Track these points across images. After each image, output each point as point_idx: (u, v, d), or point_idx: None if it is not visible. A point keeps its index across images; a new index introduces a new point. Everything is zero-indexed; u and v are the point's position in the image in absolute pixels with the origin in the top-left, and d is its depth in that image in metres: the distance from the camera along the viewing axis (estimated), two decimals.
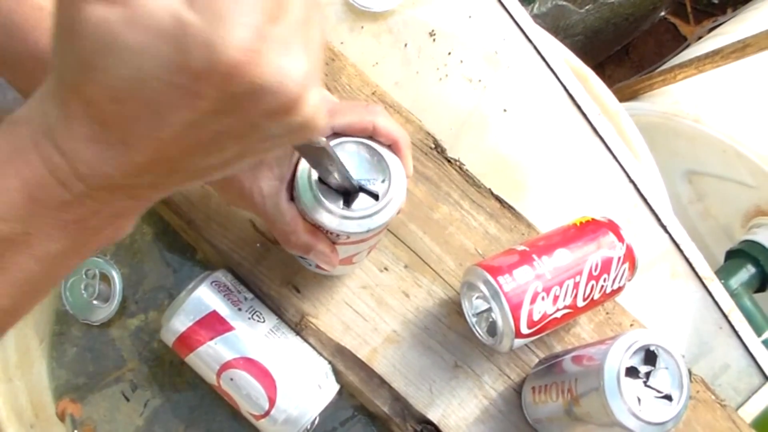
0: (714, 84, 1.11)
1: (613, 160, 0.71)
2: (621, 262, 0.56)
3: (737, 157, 1.05)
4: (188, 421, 0.59)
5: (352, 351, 0.57)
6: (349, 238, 0.49)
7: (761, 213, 1.09)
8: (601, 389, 0.46)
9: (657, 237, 0.70)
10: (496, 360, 0.59)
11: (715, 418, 0.60)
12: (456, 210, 0.63)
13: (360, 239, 0.50)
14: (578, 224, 0.58)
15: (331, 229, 0.47)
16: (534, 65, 0.72)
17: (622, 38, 1.60)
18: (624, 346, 0.47)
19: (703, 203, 1.18)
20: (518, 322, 0.52)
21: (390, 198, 0.48)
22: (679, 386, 0.47)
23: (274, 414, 0.53)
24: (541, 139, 0.72)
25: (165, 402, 0.59)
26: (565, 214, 0.62)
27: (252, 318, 0.55)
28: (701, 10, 1.76)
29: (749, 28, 1.12)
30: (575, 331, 0.60)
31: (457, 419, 0.57)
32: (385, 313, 0.59)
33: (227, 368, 0.53)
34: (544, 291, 0.53)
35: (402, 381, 0.57)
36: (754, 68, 1.08)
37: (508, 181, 0.70)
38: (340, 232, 0.48)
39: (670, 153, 1.12)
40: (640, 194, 0.71)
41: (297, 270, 0.59)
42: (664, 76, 1.13)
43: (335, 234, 0.48)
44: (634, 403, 0.46)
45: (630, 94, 1.19)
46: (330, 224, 0.47)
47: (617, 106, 0.85)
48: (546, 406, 0.53)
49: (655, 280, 0.69)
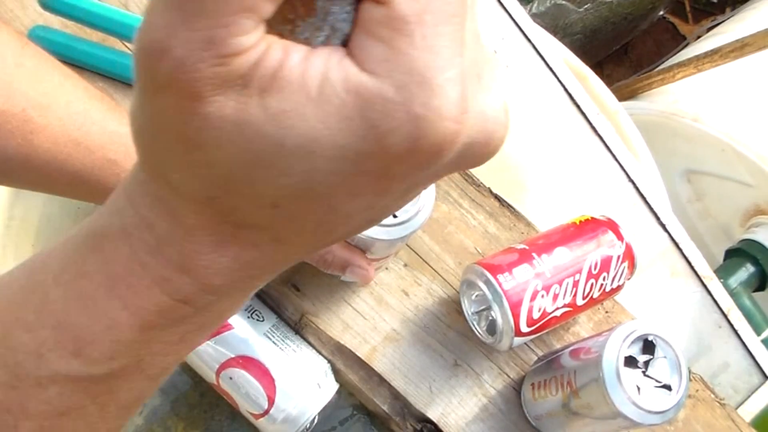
0: (713, 83, 1.12)
1: (613, 159, 0.71)
2: (620, 261, 0.56)
3: (736, 156, 1.05)
4: (187, 420, 0.59)
5: (351, 350, 0.57)
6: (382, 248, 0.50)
7: (760, 212, 1.09)
8: (600, 380, 0.46)
9: (656, 236, 0.70)
10: (496, 358, 0.59)
11: (714, 416, 0.60)
12: (455, 209, 0.63)
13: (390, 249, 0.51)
14: (578, 223, 0.58)
15: (365, 235, 0.48)
16: (533, 64, 0.72)
17: (621, 37, 1.61)
18: (622, 335, 0.47)
19: (702, 202, 1.18)
20: (518, 321, 0.52)
21: (421, 206, 0.49)
22: (678, 375, 0.47)
23: (273, 413, 0.53)
24: (541, 138, 0.72)
25: (164, 401, 0.59)
26: (565, 212, 0.62)
27: (251, 317, 0.55)
28: (700, 9, 1.76)
29: (748, 27, 1.12)
30: (575, 330, 0.61)
31: (456, 418, 0.57)
32: (384, 311, 0.59)
33: (226, 367, 0.53)
34: (543, 289, 0.53)
35: (401, 380, 0.57)
36: (753, 67, 1.08)
37: (508, 179, 0.70)
38: (375, 240, 0.48)
39: (669, 152, 1.12)
40: (640, 193, 0.71)
41: (296, 269, 0.59)
42: (663, 75, 1.13)
43: (367, 244, 0.49)
44: (633, 392, 0.46)
45: (629, 93, 1.19)
46: (368, 233, 0.48)
47: (616, 106, 0.85)
48: (546, 401, 0.53)
49: (655, 279, 0.69)
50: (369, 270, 0.50)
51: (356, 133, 0.19)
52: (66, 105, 0.44)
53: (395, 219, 0.48)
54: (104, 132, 0.45)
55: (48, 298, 0.25)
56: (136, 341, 0.25)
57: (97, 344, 0.25)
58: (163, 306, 0.24)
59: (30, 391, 0.25)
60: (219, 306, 0.26)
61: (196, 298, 0.24)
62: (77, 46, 0.59)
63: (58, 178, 0.45)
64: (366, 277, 0.51)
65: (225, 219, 0.22)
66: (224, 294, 0.25)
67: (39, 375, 0.25)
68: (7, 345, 0.25)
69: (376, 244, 0.50)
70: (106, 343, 0.25)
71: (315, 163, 0.20)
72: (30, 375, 0.25)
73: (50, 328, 0.25)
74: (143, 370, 0.26)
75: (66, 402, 0.26)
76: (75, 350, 0.25)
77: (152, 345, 0.26)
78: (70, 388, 0.25)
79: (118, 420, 0.28)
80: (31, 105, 0.42)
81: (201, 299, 0.24)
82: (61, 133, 0.43)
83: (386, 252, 0.53)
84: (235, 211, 0.22)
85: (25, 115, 0.42)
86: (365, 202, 0.22)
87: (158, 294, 0.24)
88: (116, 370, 0.25)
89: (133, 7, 0.63)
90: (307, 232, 0.23)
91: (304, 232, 0.23)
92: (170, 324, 0.25)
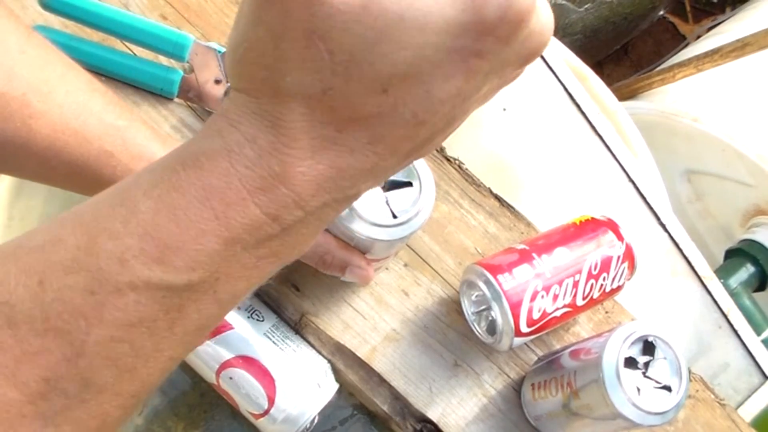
0: (713, 83, 1.12)
1: (613, 159, 0.71)
2: (620, 261, 0.56)
3: (736, 156, 1.05)
4: (187, 420, 0.59)
5: (351, 349, 0.57)
6: (382, 248, 0.50)
7: (760, 212, 1.09)
8: (600, 380, 0.46)
9: (656, 236, 0.70)
10: (496, 359, 0.59)
11: (714, 417, 0.60)
12: (455, 209, 0.63)
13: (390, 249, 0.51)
14: (578, 223, 0.58)
15: (364, 236, 0.48)
16: (533, 64, 0.72)
17: (621, 37, 1.61)
18: (622, 336, 0.47)
19: (702, 202, 1.18)
20: (518, 321, 0.52)
21: (420, 207, 0.49)
22: (678, 376, 0.47)
23: (273, 413, 0.53)
24: (541, 138, 0.72)
25: (164, 401, 0.59)
26: (565, 212, 0.62)
27: (251, 317, 0.55)
28: (700, 9, 1.76)
29: (748, 27, 1.12)
30: (575, 330, 0.61)
31: (456, 418, 0.57)
32: (384, 311, 0.59)
33: (226, 367, 0.53)
34: (543, 290, 0.53)
35: (401, 380, 0.57)
36: (754, 67, 1.08)
37: (508, 179, 0.70)
38: (375, 240, 0.48)
39: (669, 152, 1.12)
40: (640, 193, 0.71)
41: (296, 268, 0.59)
42: (663, 75, 1.14)
43: (367, 245, 0.50)
44: (633, 393, 0.46)
45: (629, 93, 1.19)
46: (363, 231, 0.48)
47: (616, 105, 0.85)
48: (545, 401, 0.53)
49: (655, 279, 0.69)
50: (368, 270, 0.50)
51: (459, 6, 0.23)
52: (66, 94, 0.44)
53: (395, 219, 0.48)
54: (102, 123, 0.45)
55: (137, 209, 0.26)
56: (219, 255, 0.26)
57: (182, 253, 0.26)
58: (253, 219, 0.26)
59: (108, 297, 0.26)
60: (298, 233, 0.28)
61: (285, 213, 0.26)
62: (77, 46, 0.59)
63: (56, 167, 0.45)
64: (365, 277, 0.52)
65: (332, 117, 0.25)
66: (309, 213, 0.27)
67: (119, 281, 0.26)
68: (91, 252, 0.26)
69: (376, 245, 0.50)
70: (190, 252, 0.26)
71: (427, 36, 0.23)
72: (110, 281, 0.26)
73: (137, 236, 0.26)
74: (216, 291, 0.27)
75: (140, 312, 0.26)
76: (159, 257, 0.26)
77: (231, 264, 0.27)
78: (146, 296, 0.26)
79: (178, 348, 0.29)
80: (32, 90, 0.43)
81: (288, 216, 0.26)
82: (59, 120, 0.43)
83: (386, 253, 0.53)
84: (346, 103, 0.24)
85: (25, 99, 0.42)
86: (455, 88, 0.25)
87: (251, 206, 0.26)
88: (194, 283, 0.27)
89: (133, 7, 0.63)
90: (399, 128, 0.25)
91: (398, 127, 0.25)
92: (253, 244, 0.27)
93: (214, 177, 0.26)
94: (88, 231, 0.27)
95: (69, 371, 0.26)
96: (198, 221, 0.26)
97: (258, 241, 0.27)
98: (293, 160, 0.25)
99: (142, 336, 0.27)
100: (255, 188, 0.26)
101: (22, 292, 0.26)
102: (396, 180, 0.49)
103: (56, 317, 0.26)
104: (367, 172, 0.27)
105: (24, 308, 0.26)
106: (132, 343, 0.27)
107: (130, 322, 0.26)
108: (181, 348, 0.29)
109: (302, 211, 0.27)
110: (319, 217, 0.28)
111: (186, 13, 0.64)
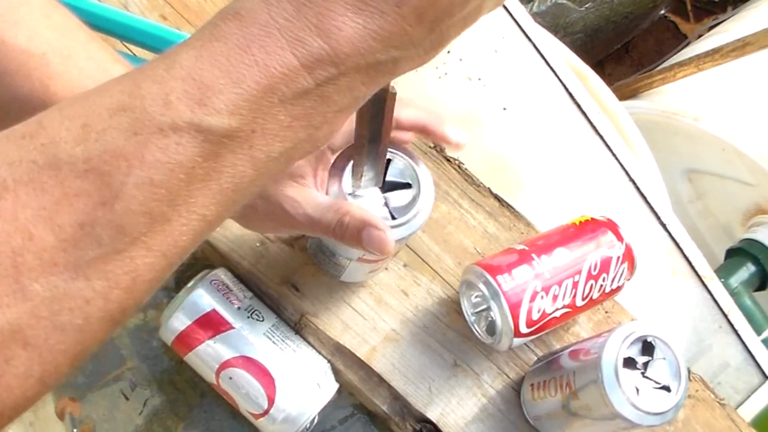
0: (714, 82, 1.12)
1: (613, 158, 0.71)
2: (620, 262, 0.56)
3: (737, 155, 1.05)
4: (187, 420, 0.59)
5: (351, 350, 0.57)
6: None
7: (761, 211, 1.09)
8: (599, 381, 0.46)
9: (657, 236, 0.70)
10: (495, 359, 0.59)
11: (714, 416, 0.60)
12: (455, 209, 0.63)
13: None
14: (577, 223, 0.58)
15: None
16: (533, 63, 0.72)
17: (622, 36, 1.61)
18: (621, 337, 0.47)
19: (702, 202, 1.18)
20: (517, 322, 0.52)
21: (420, 207, 0.48)
22: (677, 376, 0.47)
23: (273, 413, 0.53)
24: (541, 138, 0.72)
25: (164, 401, 0.59)
26: (565, 212, 0.62)
27: (251, 317, 0.55)
28: (701, 8, 1.76)
29: (749, 26, 1.12)
30: (574, 330, 0.61)
31: (456, 418, 0.57)
32: (384, 311, 0.59)
33: (226, 367, 0.53)
34: (543, 290, 0.53)
35: (401, 380, 0.57)
36: (754, 67, 1.08)
37: (507, 179, 0.70)
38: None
39: (670, 151, 1.12)
40: (640, 193, 0.71)
41: (296, 268, 0.59)
42: (664, 74, 1.13)
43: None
44: (632, 393, 0.46)
45: (630, 92, 1.19)
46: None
47: (617, 105, 0.85)
48: (545, 402, 0.53)
49: (655, 279, 0.69)
50: (387, 236, 0.45)
51: None
52: (87, 59, 0.44)
53: (395, 220, 0.48)
54: None
55: (179, 58, 0.28)
56: (257, 102, 0.27)
57: (223, 95, 0.27)
58: (290, 69, 0.27)
59: (151, 138, 0.27)
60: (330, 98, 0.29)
61: (319, 68, 0.28)
62: None
63: None
64: (384, 242, 0.45)
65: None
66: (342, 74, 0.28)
67: (162, 121, 0.27)
68: (135, 95, 0.27)
69: None
70: (230, 95, 0.27)
71: None
72: (154, 121, 0.27)
73: (180, 79, 0.27)
74: (252, 146, 0.28)
75: (180, 154, 0.27)
76: (201, 99, 0.27)
77: (267, 117, 0.28)
78: (187, 138, 0.27)
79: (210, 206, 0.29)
80: (53, 51, 0.42)
81: (322, 71, 0.28)
82: (78, 84, 0.43)
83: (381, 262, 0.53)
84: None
85: (44, 59, 0.42)
86: None
87: (289, 56, 0.27)
88: (233, 129, 0.27)
89: (133, 7, 0.63)
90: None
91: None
92: (289, 97, 0.28)
93: (255, 27, 0.27)
94: (132, 78, 0.28)
95: (105, 216, 0.27)
96: (239, 66, 0.27)
97: (294, 94, 0.28)
98: (330, 13, 0.27)
99: (179, 183, 0.28)
100: (293, 39, 0.27)
101: (65, 134, 0.27)
102: (395, 181, 0.49)
103: (98, 158, 0.27)
104: (397, 38, 0.28)
105: (67, 149, 0.27)
106: (169, 189, 0.27)
107: (169, 164, 0.27)
108: (213, 207, 0.29)
109: (336, 68, 0.28)
110: (351, 86, 0.29)
111: (186, 13, 0.64)
